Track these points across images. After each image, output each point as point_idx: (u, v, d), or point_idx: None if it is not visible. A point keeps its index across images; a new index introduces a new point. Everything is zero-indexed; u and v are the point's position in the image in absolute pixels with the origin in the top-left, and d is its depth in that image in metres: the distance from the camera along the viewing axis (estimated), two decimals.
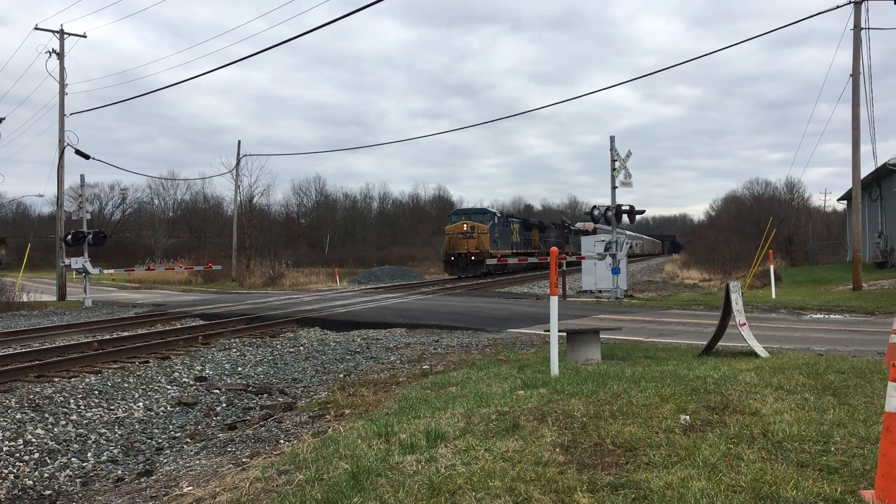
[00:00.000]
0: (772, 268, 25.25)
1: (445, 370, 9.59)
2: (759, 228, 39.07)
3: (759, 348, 9.08)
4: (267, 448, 6.66)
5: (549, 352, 7.90)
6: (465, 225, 42.53)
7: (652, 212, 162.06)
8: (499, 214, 46.40)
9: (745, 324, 9.23)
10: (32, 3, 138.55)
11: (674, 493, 3.84)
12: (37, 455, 7.05)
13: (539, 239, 55.29)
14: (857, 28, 24.00)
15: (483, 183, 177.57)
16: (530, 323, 15.68)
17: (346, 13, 19.88)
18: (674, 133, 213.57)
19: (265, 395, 9.74)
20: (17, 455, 6.99)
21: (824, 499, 3.77)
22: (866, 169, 30.12)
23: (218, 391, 9.93)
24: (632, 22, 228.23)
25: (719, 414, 5.49)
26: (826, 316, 17.23)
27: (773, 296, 22.60)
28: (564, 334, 9.29)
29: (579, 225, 64.40)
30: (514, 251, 46.27)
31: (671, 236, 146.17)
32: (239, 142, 35.15)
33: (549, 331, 8.05)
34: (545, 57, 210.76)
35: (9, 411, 8.35)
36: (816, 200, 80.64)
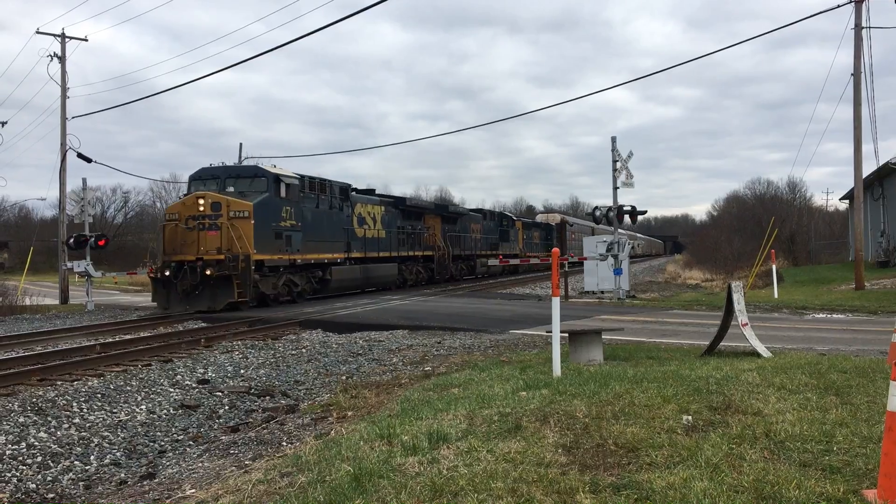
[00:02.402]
0: (774, 267, 25.24)
1: (448, 372, 9.59)
2: (761, 228, 39.06)
3: (761, 348, 9.08)
4: (269, 450, 6.66)
5: (552, 353, 7.90)
6: (200, 201, 20.48)
7: (653, 212, 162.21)
8: (296, 178, 22.83)
9: (747, 324, 9.23)
10: (33, 8, 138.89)
11: (676, 494, 3.84)
12: (40, 458, 7.05)
13: (444, 233, 35.43)
14: (857, 27, 23.99)
15: (484, 184, 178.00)
16: (532, 324, 15.67)
17: (343, 16, 19.88)
18: (673, 134, 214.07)
19: (268, 398, 9.74)
20: (20, 458, 6.99)
21: (827, 499, 3.77)
22: (868, 168, 30.06)
23: (220, 394, 9.93)
24: (628, 24, 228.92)
25: (721, 414, 5.49)
26: (828, 315, 17.21)
27: (776, 295, 22.58)
28: (567, 335, 9.29)
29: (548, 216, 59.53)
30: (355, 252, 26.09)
31: (673, 236, 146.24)
32: (241, 144, 35.14)
33: (551, 332, 8.05)
34: (543, 59, 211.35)
35: (12, 415, 8.35)
36: (818, 200, 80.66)
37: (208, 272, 19.64)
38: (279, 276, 21.91)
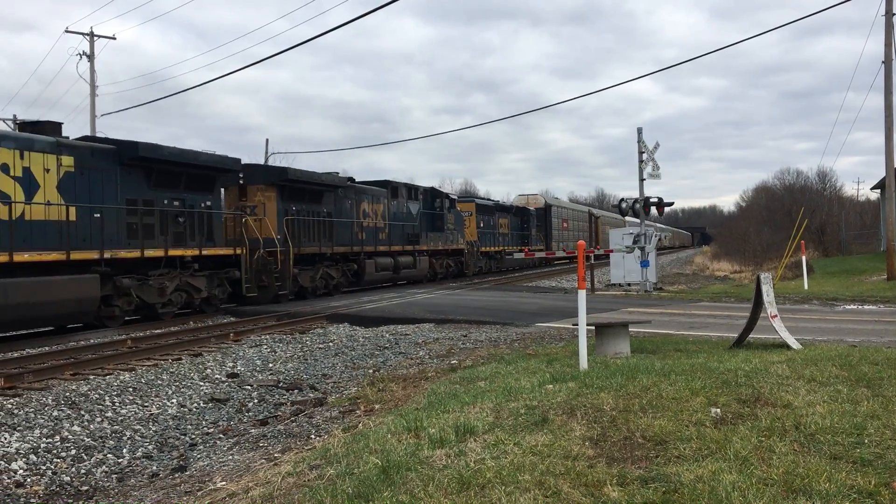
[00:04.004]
0: (804, 258, 24.94)
1: (474, 365, 9.60)
2: (790, 219, 38.58)
3: (791, 340, 8.98)
4: (298, 443, 6.72)
5: (578, 346, 7.88)
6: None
7: (680, 203, 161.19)
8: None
9: (776, 315, 9.14)
10: (61, 7, 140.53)
11: (705, 487, 3.82)
12: (73, 451, 7.18)
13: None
14: (888, 14, 23.57)
15: (508, 177, 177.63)
16: (559, 317, 15.63)
17: (365, 12, 19.92)
18: (699, 124, 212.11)
19: (296, 391, 9.83)
20: (55, 451, 7.12)
21: (857, 491, 3.74)
22: None
23: (249, 387, 10.03)
24: (651, 14, 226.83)
25: (751, 407, 5.44)
26: (859, 307, 16.98)
27: (806, 287, 22.31)
28: (593, 328, 9.26)
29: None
30: None
31: (701, 228, 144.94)
32: (267, 140, 35.04)
33: (577, 325, 8.03)
34: (565, 51, 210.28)
35: (46, 409, 8.51)
36: (849, 190, 79.43)
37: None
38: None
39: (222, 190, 20.17)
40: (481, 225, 37.14)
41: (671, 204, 24.85)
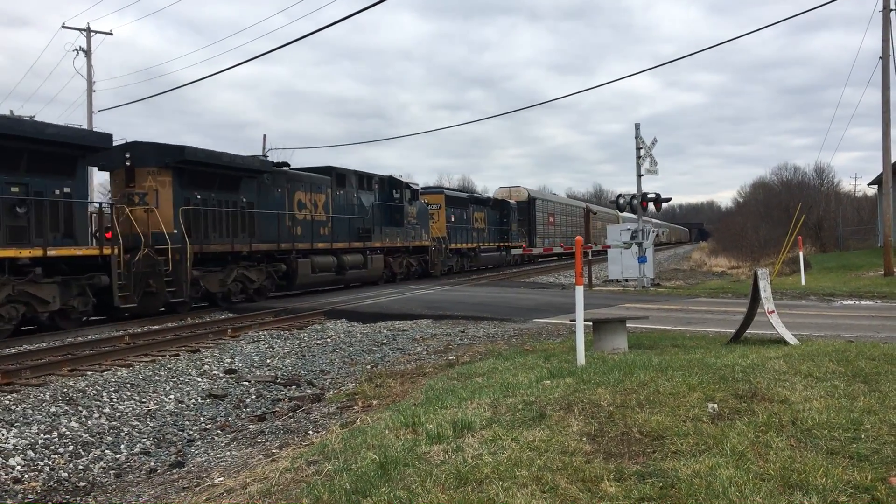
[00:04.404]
0: (801, 254, 24.96)
1: (472, 360, 9.61)
2: (787, 215, 38.65)
3: (788, 335, 9.00)
4: (296, 439, 6.73)
5: (576, 341, 7.89)
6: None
7: (678, 199, 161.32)
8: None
9: (773, 311, 9.15)
10: (57, 4, 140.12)
11: (701, 482, 3.83)
12: (71, 447, 7.18)
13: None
14: (886, 10, 23.60)
15: (506, 173, 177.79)
16: (556, 312, 15.65)
17: (363, 7, 19.86)
18: (696, 120, 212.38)
19: (293, 387, 9.83)
20: (52, 447, 7.13)
21: (854, 486, 3.75)
22: None
23: (247, 383, 10.04)
24: (649, 10, 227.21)
25: (747, 402, 5.46)
26: (857, 302, 17.01)
27: (803, 282, 22.35)
28: (590, 323, 9.27)
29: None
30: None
31: (698, 224, 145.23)
32: (265, 136, 35.05)
33: (574, 320, 8.03)
34: (563, 47, 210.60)
35: (43, 405, 8.51)
36: (846, 185, 79.57)
37: None
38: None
39: (93, 173, 16.42)
40: (452, 219, 33.11)
41: (669, 200, 24.85)
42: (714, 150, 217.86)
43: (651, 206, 24.01)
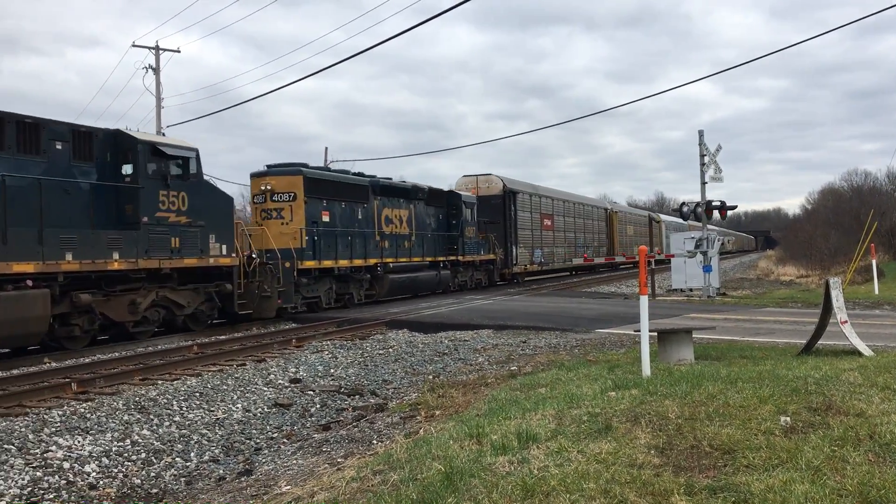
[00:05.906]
0: (874, 262, 24.17)
1: (534, 371, 9.55)
2: (859, 222, 37.44)
3: (862, 347, 8.71)
4: (360, 448, 6.78)
5: (640, 352, 7.78)
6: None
7: (743, 207, 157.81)
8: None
9: (846, 321, 8.87)
10: (126, 24, 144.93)
11: (776, 497, 3.73)
12: (143, 455, 7.37)
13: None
14: None
15: (565, 182, 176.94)
16: (619, 323, 15.44)
17: (420, 21, 20.04)
18: (759, 126, 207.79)
19: (357, 397, 9.92)
20: (126, 455, 7.33)
21: None
22: None
23: (312, 392, 10.17)
24: (708, 16, 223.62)
25: (822, 415, 5.30)
26: None
27: (876, 291, 21.61)
28: (655, 334, 9.13)
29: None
30: None
31: (765, 231, 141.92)
32: (326, 148, 35.63)
33: (638, 331, 7.92)
34: (621, 55, 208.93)
35: (117, 413, 8.76)
36: None
37: None
38: None
39: None
40: (324, 218, 20.49)
41: (734, 207, 24.29)
42: (779, 157, 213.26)
43: (716, 213, 23.53)
